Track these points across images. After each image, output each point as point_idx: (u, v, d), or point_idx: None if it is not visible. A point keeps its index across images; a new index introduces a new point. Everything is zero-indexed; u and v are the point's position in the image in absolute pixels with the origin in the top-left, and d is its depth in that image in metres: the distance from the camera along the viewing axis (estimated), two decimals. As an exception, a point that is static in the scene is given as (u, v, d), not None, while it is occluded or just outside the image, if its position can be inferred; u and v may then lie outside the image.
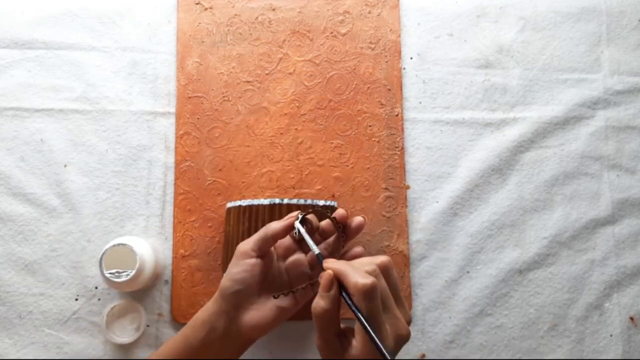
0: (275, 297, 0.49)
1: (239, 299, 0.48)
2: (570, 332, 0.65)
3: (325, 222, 0.54)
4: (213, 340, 0.48)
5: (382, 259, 0.43)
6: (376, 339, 0.38)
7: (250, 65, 0.66)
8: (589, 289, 0.66)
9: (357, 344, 0.41)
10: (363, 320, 0.39)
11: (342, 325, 0.44)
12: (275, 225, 0.50)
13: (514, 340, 0.64)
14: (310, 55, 0.67)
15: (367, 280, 0.39)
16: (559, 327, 0.65)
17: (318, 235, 0.53)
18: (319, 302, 0.42)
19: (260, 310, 0.49)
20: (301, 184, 0.64)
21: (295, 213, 0.51)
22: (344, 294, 0.41)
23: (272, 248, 0.52)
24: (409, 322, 0.42)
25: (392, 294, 0.42)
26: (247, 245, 0.50)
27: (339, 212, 0.53)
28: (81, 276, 0.61)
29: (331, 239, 0.54)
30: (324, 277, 0.42)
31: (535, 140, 0.68)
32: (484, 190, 0.67)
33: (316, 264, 0.51)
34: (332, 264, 0.43)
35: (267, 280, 0.51)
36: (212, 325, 0.48)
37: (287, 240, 0.53)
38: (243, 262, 0.49)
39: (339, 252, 0.51)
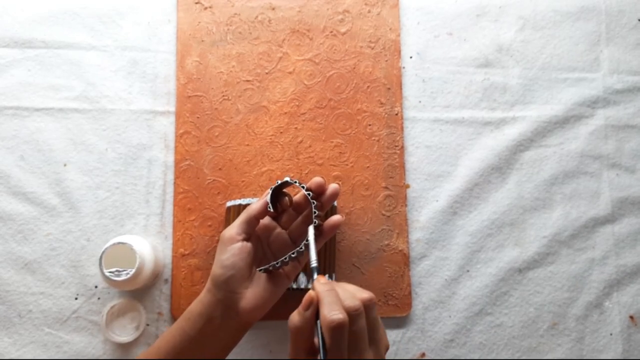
0: (262, 271, 0.49)
1: (232, 284, 0.49)
2: (570, 331, 0.65)
3: (299, 196, 0.54)
4: (212, 330, 0.49)
5: (365, 295, 0.42)
6: None
7: (250, 64, 0.66)
8: (589, 288, 0.66)
9: None
10: (321, 351, 0.40)
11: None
12: (255, 206, 0.51)
13: (513, 339, 0.64)
14: (310, 54, 0.67)
15: (336, 316, 0.39)
16: (559, 326, 0.65)
17: (292, 210, 0.54)
18: (294, 318, 0.42)
19: (255, 292, 0.49)
20: (301, 183, 0.64)
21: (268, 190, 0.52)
22: (319, 321, 0.41)
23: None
24: None
25: (369, 330, 0.41)
26: (231, 230, 0.50)
27: (315, 180, 0.51)
28: (81, 275, 0.61)
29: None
30: (305, 297, 0.42)
31: (534, 139, 0.68)
32: (483, 189, 0.67)
33: (310, 274, 0.51)
34: (318, 287, 0.42)
35: (256, 261, 0.52)
36: (210, 315, 0.49)
37: (265, 220, 0.53)
38: (231, 248, 0.49)
39: (312, 222, 0.50)
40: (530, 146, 0.68)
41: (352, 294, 0.42)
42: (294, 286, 0.58)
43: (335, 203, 0.62)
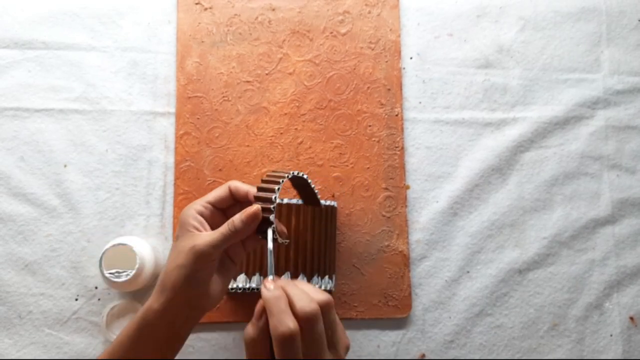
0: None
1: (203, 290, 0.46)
2: (570, 332, 0.65)
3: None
4: (173, 332, 0.47)
5: (322, 297, 0.40)
6: None
7: (250, 65, 0.66)
8: (589, 289, 0.66)
9: None
10: None
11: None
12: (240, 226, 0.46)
13: (514, 340, 0.64)
14: (310, 55, 0.67)
15: (285, 328, 0.37)
16: (559, 327, 0.65)
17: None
18: (249, 330, 0.41)
19: (215, 287, 0.47)
20: (301, 184, 0.64)
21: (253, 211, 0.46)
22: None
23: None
24: None
25: (326, 334, 0.40)
26: (208, 248, 0.44)
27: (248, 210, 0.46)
28: (81, 276, 0.61)
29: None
30: (257, 306, 0.41)
31: (535, 140, 0.68)
32: (484, 190, 0.67)
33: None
34: (265, 294, 0.40)
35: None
36: (171, 320, 0.46)
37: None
38: (205, 267, 0.45)
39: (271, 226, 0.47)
40: (530, 147, 0.68)
41: (308, 295, 0.40)
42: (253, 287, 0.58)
43: (335, 204, 0.62)
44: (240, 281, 0.58)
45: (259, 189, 0.48)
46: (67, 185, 0.63)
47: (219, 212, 0.48)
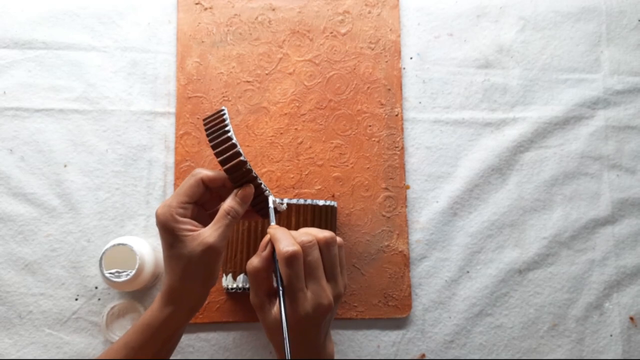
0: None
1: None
2: (570, 332, 0.65)
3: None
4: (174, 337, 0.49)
5: (325, 234, 0.45)
6: (282, 304, 0.43)
7: (250, 65, 0.66)
8: (589, 289, 0.66)
9: (276, 305, 0.45)
10: (278, 284, 0.44)
11: (275, 285, 0.46)
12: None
13: (513, 340, 0.64)
14: (310, 55, 0.67)
15: (290, 248, 0.42)
16: (559, 327, 0.65)
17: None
18: (253, 261, 0.45)
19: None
20: (301, 184, 0.64)
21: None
22: (275, 257, 0.44)
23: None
24: (337, 297, 0.45)
25: (326, 268, 0.45)
26: (219, 243, 0.45)
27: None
28: (81, 276, 0.61)
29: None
30: (263, 240, 0.46)
31: (535, 140, 0.68)
32: (483, 190, 0.67)
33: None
34: (272, 230, 0.46)
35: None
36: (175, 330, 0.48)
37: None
38: (219, 260, 0.46)
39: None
40: (530, 147, 0.68)
41: (306, 232, 0.45)
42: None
43: (335, 204, 0.62)
44: (240, 281, 0.58)
45: (228, 172, 0.46)
46: (67, 185, 0.63)
47: (196, 205, 0.47)
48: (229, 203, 0.46)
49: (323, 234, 0.45)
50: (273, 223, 0.47)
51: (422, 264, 0.65)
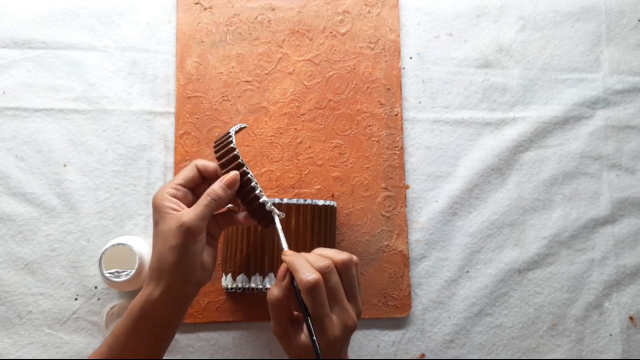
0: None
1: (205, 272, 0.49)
2: (570, 332, 0.65)
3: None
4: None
5: (342, 257, 0.45)
6: (313, 332, 0.43)
7: (250, 65, 0.66)
8: (589, 289, 0.66)
9: (304, 332, 0.46)
10: (305, 314, 0.44)
11: (295, 313, 0.48)
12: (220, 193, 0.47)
13: (513, 340, 0.64)
14: (309, 55, 0.67)
15: (311, 277, 0.42)
16: (559, 327, 0.65)
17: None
18: (273, 291, 0.45)
19: (209, 251, 0.49)
20: (301, 184, 0.64)
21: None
22: (295, 285, 0.45)
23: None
24: (359, 315, 0.46)
25: (346, 289, 0.45)
26: (196, 222, 0.46)
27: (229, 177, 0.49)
28: (81, 276, 0.61)
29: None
30: (280, 270, 0.46)
31: (535, 140, 0.68)
32: (483, 190, 0.67)
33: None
34: (289, 258, 0.46)
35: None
36: (170, 318, 0.48)
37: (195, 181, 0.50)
38: (197, 241, 0.46)
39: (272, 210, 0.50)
40: (530, 147, 0.68)
41: (327, 255, 0.46)
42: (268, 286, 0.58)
43: (335, 204, 0.62)
44: (240, 281, 0.58)
45: (219, 158, 0.49)
46: (67, 185, 0.63)
47: (190, 191, 0.49)
48: (212, 187, 0.47)
49: (341, 256, 0.45)
50: (286, 248, 0.48)
51: (422, 264, 0.65)
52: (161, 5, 0.67)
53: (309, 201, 0.60)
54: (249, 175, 0.49)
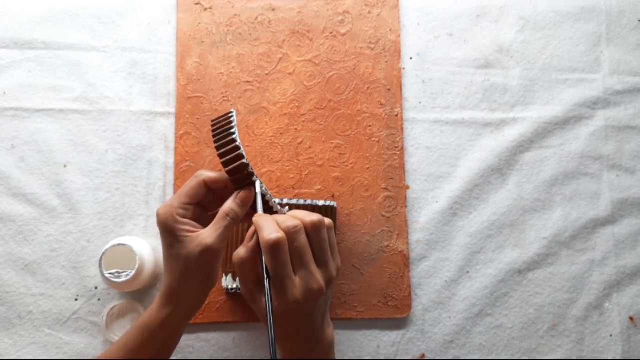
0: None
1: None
2: (570, 332, 0.65)
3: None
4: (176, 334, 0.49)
5: (312, 217, 0.44)
6: (267, 292, 0.41)
7: (250, 65, 0.66)
8: (589, 289, 0.66)
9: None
10: (264, 273, 0.42)
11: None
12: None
13: (513, 340, 0.64)
14: (309, 55, 0.67)
15: (273, 235, 0.41)
16: (559, 327, 0.65)
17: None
18: (239, 251, 0.44)
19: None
20: (301, 184, 0.64)
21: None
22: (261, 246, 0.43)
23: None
24: (328, 280, 0.44)
25: (315, 253, 0.43)
26: (218, 245, 0.45)
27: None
28: (81, 276, 0.61)
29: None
30: (249, 230, 0.45)
31: (535, 140, 0.68)
32: (483, 190, 0.67)
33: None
34: (256, 218, 0.44)
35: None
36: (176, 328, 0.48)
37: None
38: (218, 261, 0.46)
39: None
40: (530, 147, 0.68)
41: (293, 215, 0.44)
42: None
43: (335, 204, 0.62)
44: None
45: (230, 173, 0.46)
46: (67, 185, 0.63)
47: (198, 207, 0.48)
48: (229, 205, 0.45)
49: (310, 217, 0.43)
50: (260, 211, 0.46)
51: (422, 264, 0.65)
52: (161, 5, 0.67)
53: (309, 201, 0.60)
54: (251, 169, 0.46)
